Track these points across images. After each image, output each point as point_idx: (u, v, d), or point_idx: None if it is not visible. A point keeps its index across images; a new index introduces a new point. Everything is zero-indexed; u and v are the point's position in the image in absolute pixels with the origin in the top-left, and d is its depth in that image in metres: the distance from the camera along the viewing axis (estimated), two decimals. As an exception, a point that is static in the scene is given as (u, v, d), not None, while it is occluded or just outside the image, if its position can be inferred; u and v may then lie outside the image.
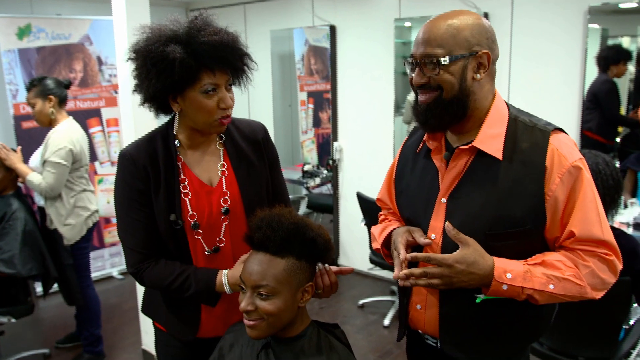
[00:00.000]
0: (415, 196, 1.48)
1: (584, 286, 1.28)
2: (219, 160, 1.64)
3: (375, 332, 3.81)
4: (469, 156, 1.36)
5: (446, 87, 1.31)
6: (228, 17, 5.38)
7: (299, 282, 1.38)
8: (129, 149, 1.60)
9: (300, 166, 5.04)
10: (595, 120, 3.63)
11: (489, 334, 1.40)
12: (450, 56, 1.28)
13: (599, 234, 1.28)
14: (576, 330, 2.33)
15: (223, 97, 1.50)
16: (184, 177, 1.59)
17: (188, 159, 1.61)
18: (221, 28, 1.49)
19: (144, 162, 1.55)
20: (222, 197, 1.61)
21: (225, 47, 1.45)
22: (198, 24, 1.47)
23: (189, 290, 1.55)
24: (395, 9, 4.20)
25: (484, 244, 1.29)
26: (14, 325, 3.31)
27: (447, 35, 1.29)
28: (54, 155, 3.08)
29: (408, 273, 1.30)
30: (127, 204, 1.58)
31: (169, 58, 1.41)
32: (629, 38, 3.65)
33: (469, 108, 1.33)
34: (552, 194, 1.28)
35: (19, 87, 4.26)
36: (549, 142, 1.30)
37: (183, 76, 1.44)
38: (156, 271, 1.58)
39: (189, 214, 1.58)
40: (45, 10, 4.80)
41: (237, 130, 1.70)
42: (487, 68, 1.32)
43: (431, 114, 1.34)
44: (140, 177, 1.55)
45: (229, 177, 1.63)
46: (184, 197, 1.58)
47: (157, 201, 1.56)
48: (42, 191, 3.10)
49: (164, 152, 1.58)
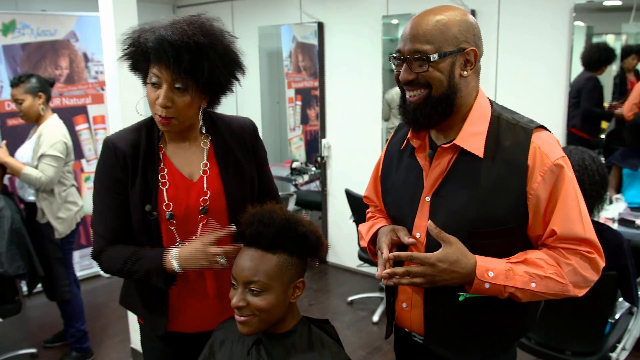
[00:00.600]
0: (400, 194, 1.48)
1: (566, 284, 1.29)
2: (202, 158, 1.64)
3: (365, 329, 3.82)
4: (452, 154, 1.36)
5: (435, 84, 1.30)
6: (216, 13, 5.34)
7: (290, 278, 1.38)
8: (112, 136, 1.62)
9: (288, 163, 5.03)
10: (580, 117, 3.67)
11: (474, 331, 1.41)
12: (439, 53, 1.27)
13: (581, 232, 1.29)
14: (563, 324, 2.36)
15: (160, 94, 1.48)
16: (163, 167, 1.60)
17: (170, 151, 1.62)
18: (179, 26, 1.46)
19: (124, 150, 1.57)
20: (200, 194, 1.60)
21: (166, 43, 1.43)
22: (178, 20, 1.49)
23: (141, 270, 1.55)
24: (383, 6, 4.21)
25: (467, 243, 1.30)
26: (0, 324, 3.27)
27: (436, 31, 1.28)
28: (51, 149, 3.12)
29: (391, 272, 1.30)
30: (103, 190, 1.60)
31: (134, 43, 1.50)
32: (613, 36, 3.70)
33: (455, 105, 1.33)
34: (534, 192, 1.28)
35: (4, 84, 4.21)
36: (531, 140, 1.30)
37: (139, 63, 1.52)
38: (111, 254, 1.59)
39: (165, 203, 1.57)
40: (30, 6, 4.75)
41: (226, 127, 1.69)
42: (474, 65, 1.32)
43: (420, 113, 1.33)
44: (119, 165, 1.57)
45: (212, 176, 1.63)
46: (162, 186, 1.58)
47: (133, 191, 1.57)
48: (43, 184, 3.11)
49: (146, 142, 1.59)
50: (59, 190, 3.23)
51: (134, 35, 1.51)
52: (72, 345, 3.44)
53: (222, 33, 1.55)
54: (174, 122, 1.52)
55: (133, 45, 1.50)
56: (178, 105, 1.49)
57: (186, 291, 1.66)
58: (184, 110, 1.51)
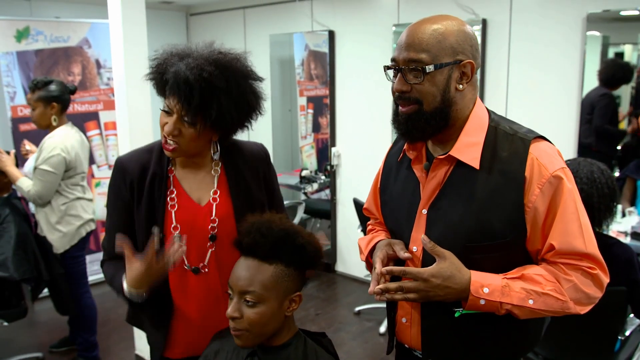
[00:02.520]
0: (397, 207, 1.45)
1: (566, 301, 1.25)
2: (212, 184, 1.64)
3: (371, 339, 3.78)
4: (449, 166, 1.32)
5: (427, 99, 1.26)
6: (228, 21, 5.39)
7: (287, 290, 1.36)
8: (123, 157, 1.65)
9: (298, 171, 5.02)
10: (594, 135, 3.60)
11: (473, 348, 1.37)
12: (435, 64, 1.24)
13: (581, 247, 1.24)
14: (572, 340, 2.30)
15: (168, 122, 1.51)
16: (172, 189, 1.61)
17: (180, 175, 1.63)
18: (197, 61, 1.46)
19: (132, 172, 1.59)
20: (208, 220, 1.60)
21: (184, 81, 1.44)
22: (202, 54, 1.49)
23: (116, 292, 1.56)
24: (394, 15, 4.19)
25: (463, 257, 1.26)
26: (7, 328, 3.29)
27: (433, 40, 1.25)
28: (45, 163, 3.03)
29: (384, 287, 1.27)
30: (111, 207, 1.65)
31: (157, 70, 1.52)
32: (630, 46, 3.64)
33: (450, 118, 1.29)
34: (532, 205, 1.24)
35: (17, 89, 4.26)
36: (529, 151, 1.26)
37: (159, 90, 1.55)
38: (106, 269, 1.65)
39: (173, 225, 1.58)
40: (44, 13, 4.81)
41: (239, 154, 1.70)
42: (470, 78, 1.28)
43: (413, 126, 1.29)
44: (125, 186, 1.60)
45: (221, 202, 1.62)
46: (170, 208, 1.59)
47: (139, 211, 1.59)
48: (30, 198, 3.07)
49: (156, 164, 1.61)
50: (57, 204, 3.14)
51: (160, 60, 1.53)
52: (80, 353, 3.44)
53: (245, 74, 1.54)
54: (178, 150, 1.54)
55: (157, 70, 1.53)
56: (184, 136, 1.52)
57: (190, 318, 1.64)
58: (189, 142, 1.53)
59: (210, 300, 1.62)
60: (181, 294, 1.61)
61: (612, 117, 3.68)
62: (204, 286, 1.61)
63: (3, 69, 4.19)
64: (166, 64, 1.50)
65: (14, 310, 3.12)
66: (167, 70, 1.49)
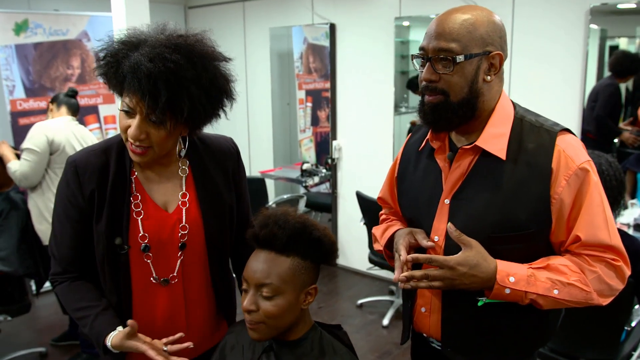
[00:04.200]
0: (417, 197, 1.45)
1: (590, 292, 1.26)
2: (180, 187, 1.49)
3: (374, 332, 3.79)
4: (473, 156, 1.33)
5: (454, 91, 1.26)
6: (227, 14, 5.35)
7: (303, 283, 1.36)
8: (77, 156, 1.44)
9: (299, 165, 5.01)
10: (594, 122, 3.63)
11: (492, 338, 1.38)
12: (465, 54, 1.24)
13: (606, 239, 1.25)
14: (578, 331, 2.32)
15: (131, 124, 1.31)
16: (136, 194, 1.44)
17: (143, 177, 1.46)
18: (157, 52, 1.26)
19: (89, 176, 1.40)
20: (177, 227, 1.46)
21: (146, 75, 1.24)
22: (161, 40, 1.29)
23: (85, 328, 1.41)
24: (395, 8, 4.18)
25: (487, 247, 1.26)
26: (9, 323, 3.28)
27: (463, 30, 1.24)
28: (29, 142, 3.06)
29: (409, 275, 1.27)
30: (63, 215, 1.44)
31: (110, 64, 1.30)
32: (627, 39, 3.65)
33: (477, 109, 1.30)
34: (557, 196, 1.25)
35: (16, 83, 4.22)
36: (556, 143, 1.27)
37: (115, 87, 1.33)
38: (66, 291, 1.46)
39: (140, 234, 1.42)
40: (42, 6, 4.77)
41: (207, 152, 1.54)
42: (498, 69, 1.29)
43: (439, 116, 1.29)
44: (82, 192, 1.40)
45: (191, 207, 1.48)
46: (136, 216, 1.43)
47: (99, 222, 1.41)
48: (16, 179, 3.06)
49: (116, 165, 1.42)
50: (48, 192, 3.12)
51: (109, 51, 1.31)
52: (83, 349, 3.43)
53: (212, 57, 1.36)
54: (150, 152, 1.36)
55: (108, 65, 1.30)
56: (153, 138, 1.33)
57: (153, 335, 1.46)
58: (160, 143, 1.35)
59: (175, 310, 1.51)
60: (145, 307, 1.48)
61: (615, 107, 3.69)
62: (170, 297, 1.50)
63: (2, 62, 4.15)
64: (118, 56, 1.28)
65: (18, 305, 3.11)
66: (120, 63, 1.27)
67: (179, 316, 1.52)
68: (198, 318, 1.57)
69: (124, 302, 1.47)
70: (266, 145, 5.35)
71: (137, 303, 1.48)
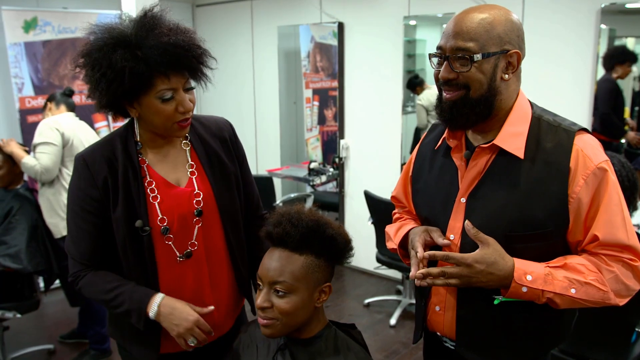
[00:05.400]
0: (433, 195, 1.45)
1: (607, 292, 1.25)
2: (186, 160, 1.56)
3: (382, 332, 3.79)
4: (490, 155, 1.33)
5: (475, 86, 1.26)
6: (235, 12, 5.36)
7: (317, 281, 1.36)
8: (85, 153, 1.50)
9: (306, 163, 5.01)
10: (598, 120, 3.62)
11: (507, 337, 1.38)
12: (483, 53, 1.24)
13: (624, 239, 1.25)
14: (588, 332, 2.31)
15: (181, 100, 1.41)
16: (150, 180, 1.49)
17: (151, 160, 1.52)
18: (172, 26, 1.38)
19: (99, 166, 1.45)
20: (193, 198, 1.52)
21: (177, 49, 1.35)
22: (147, 22, 1.36)
23: (121, 306, 1.45)
24: (404, 7, 4.17)
25: (504, 245, 1.26)
26: (18, 320, 3.29)
27: (481, 29, 1.25)
28: (41, 136, 3.10)
29: (425, 272, 1.27)
30: (78, 211, 1.48)
31: (118, 66, 1.32)
32: (634, 39, 3.63)
33: (494, 108, 1.30)
34: (575, 195, 1.25)
35: (25, 80, 4.24)
36: (574, 142, 1.27)
37: (135, 84, 1.35)
38: (92, 280, 1.49)
39: (159, 218, 1.48)
40: (51, 4, 4.77)
41: (202, 127, 1.61)
42: (516, 68, 1.29)
43: (458, 113, 1.29)
44: (96, 183, 1.45)
45: (199, 177, 1.56)
46: (152, 200, 1.48)
47: (116, 209, 1.46)
48: (38, 173, 3.08)
49: (123, 154, 1.48)
50: (60, 186, 3.17)
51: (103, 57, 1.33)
52: (92, 345, 3.44)
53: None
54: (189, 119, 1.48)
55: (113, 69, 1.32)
56: (193, 103, 1.46)
57: None
58: (193, 106, 1.47)
59: (200, 286, 1.56)
60: (171, 286, 1.53)
61: (616, 103, 3.67)
62: (194, 273, 1.54)
63: (11, 60, 4.17)
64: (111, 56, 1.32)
65: (27, 302, 3.12)
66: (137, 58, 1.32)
67: (204, 291, 1.56)
68: (222, 292, 1.62)
69: (152, 283, 1.51)
70: (273, 143, 5.35)
71: (164, 283, 1.52)
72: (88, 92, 1.42)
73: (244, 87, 5.47)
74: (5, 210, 2.99)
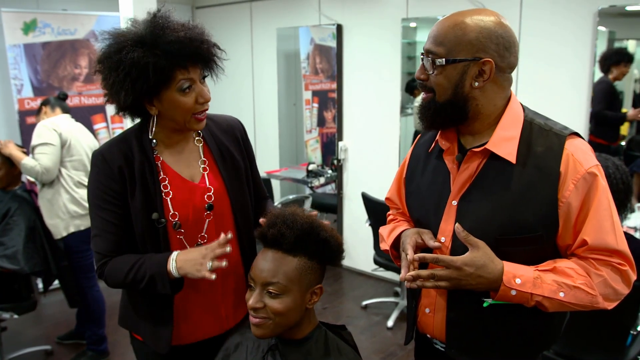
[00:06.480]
0: (425, 198, 1.45)
1: (596, 295, 1.25)
2: (199, 156, 1.62)
3: (379, 333, 3.79)
4: (482, 159, 1.33)
5: (438, 90, 1.30)
6: (234, 14, 5.37)
7: (309, 283, 1.37)
8: (102, 149, 1.55)
9: (304, 165, 5.02)
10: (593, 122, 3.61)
11: (497, 340, 1.38)
12: (448, 58, 1.25)
13: (613, 244, 1.25)
14: (583, 335, 2.31)
15: (200, 91, 1.49)
16: (164, 177, 1.55)
17: (166, 157, 1.58)
18: (183, 23, 1.47)
19: (118, 162, 1.51)
20: (205, 193, 1.58)
21: (194, 42, 1.44)
22: (159, 22, 1.44)
23: (145, 277, 1.48)
24: (402, 9, 4.18)
25: (493, 249, 1.27)
26: (15, 321, 3.30)
27: (451, 35, 1.26)
28: (39, 138, 3.11)
29: (415, 275, 1.27)
30: (100, 204, 1.52)
31: (142, 63, 1.38)
32: (635, 41, 3.63)
33: (469, 111, 1.31)
34: (565, 200, 1.25)
35: (24, 82, 4.25)
36: (565, 147, 1.27)
37: (158, 79, 1.41)
38: (114, 265, 1.53)
39: (170, 213, 1.54)
40: (51, 6, 4.79)
41: (214, 124, 1.68)
42: (489, 77, 1.26)
43: (426, 114, 1.34)
44: (115, 177, 1.51)
45: (212, 173, 1.62)
46: (165, 196, 1.54)
47: (134, 201, 1.51)
48: (38, 174, 3.09)
49: (139, 151, 1.54)
50: (60, 187, 3.18)
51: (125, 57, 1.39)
52: (89, 346, 3.45)
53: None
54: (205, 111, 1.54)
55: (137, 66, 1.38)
56: (209, 94, 1.53)
57: (192, 298, 1.61)
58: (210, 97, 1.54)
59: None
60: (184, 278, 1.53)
61: (612, 103, 3.67)
62: None
63: (10, 61, 4.19)
64: (134, 55, 1.38)
65: (24, 303, 3.12)
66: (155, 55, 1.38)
67: (215, 282, 1.56)
68: (231, 284, 1.66)
69: None
70: (272, 145, 5.36)
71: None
72: (108, 95, 1.47)
73: (243, 88, 5.48)
74: (3, 211, 3.00)
